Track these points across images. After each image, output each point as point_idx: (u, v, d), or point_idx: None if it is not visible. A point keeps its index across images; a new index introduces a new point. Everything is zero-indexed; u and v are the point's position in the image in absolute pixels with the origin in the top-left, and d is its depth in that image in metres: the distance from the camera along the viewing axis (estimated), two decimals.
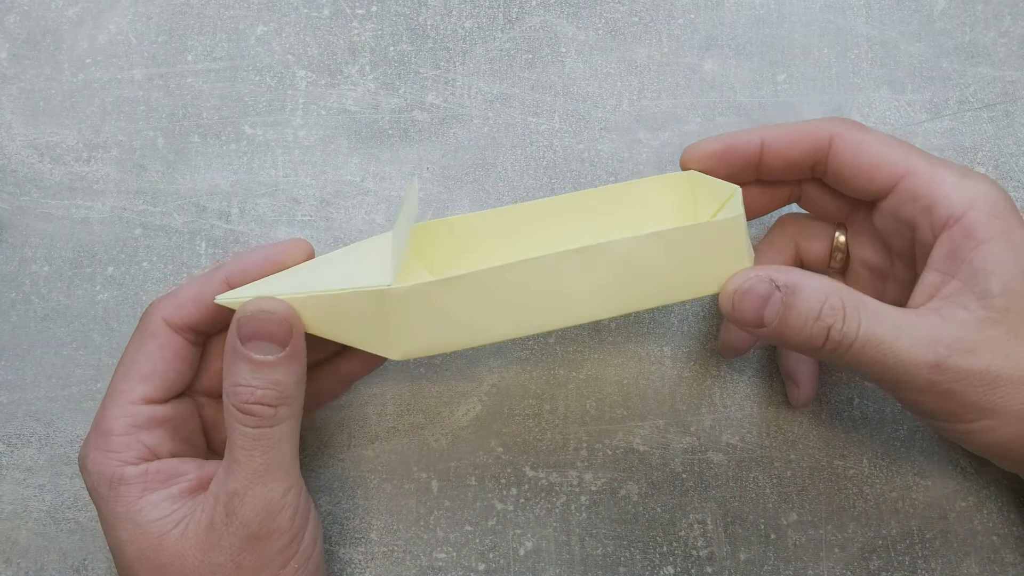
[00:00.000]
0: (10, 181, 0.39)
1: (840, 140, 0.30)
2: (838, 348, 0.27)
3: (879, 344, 0.26)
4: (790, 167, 0.32)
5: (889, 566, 0.35)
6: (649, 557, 0.35)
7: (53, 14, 0.40)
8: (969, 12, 0.39)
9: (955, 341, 0.27)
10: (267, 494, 0.28)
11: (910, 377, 0.27)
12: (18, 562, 0.36)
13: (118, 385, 0.29)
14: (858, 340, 0.27)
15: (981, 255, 0.27)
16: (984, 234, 0.28)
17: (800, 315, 0.27)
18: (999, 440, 0.27)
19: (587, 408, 0.36)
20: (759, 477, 0.36)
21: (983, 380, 0.27)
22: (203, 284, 0.30)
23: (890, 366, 0.27)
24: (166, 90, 0.39)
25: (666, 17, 0.40)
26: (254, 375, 0.28)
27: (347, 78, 0.39)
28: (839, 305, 0.27)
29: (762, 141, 0.31)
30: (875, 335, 0.27)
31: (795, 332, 0.27)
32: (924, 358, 0.26)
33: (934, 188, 0.29)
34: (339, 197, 0.38)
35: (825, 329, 0.27)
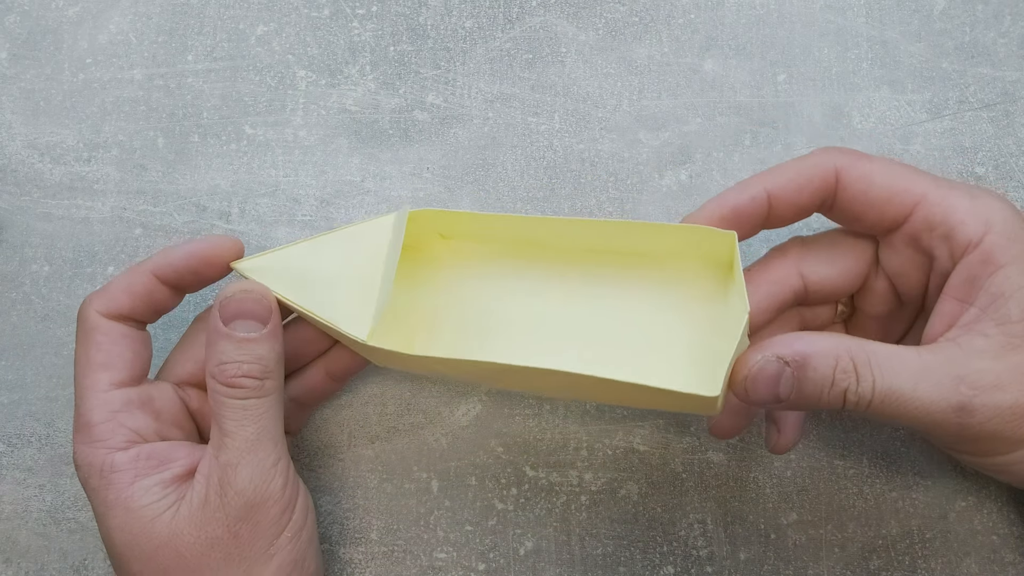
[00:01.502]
0: (10, 181, 0.39)
1: (847, 175, 0.29)
2: (858, 407, 0.26)
3: (899, 397, 0.26)
4: (800, 212, 0.30)
5: (889, 566, 0.35)
6: (649, 557, 0.35)
7: (53, 14, 0.40)
8: (969, 12, 0.39)
9: (978, 377, 0.26)
10: (259, 462, 0.29)
11: (936, 423, 0.26)
12: (18, 562, 0.36)
13: (82, 381, 0.30)
14: (876, 397, 0.26)
15: (999, 280, 0.27)
16: (1002, 258, 0.27)
17: (814, 385, 0.26)
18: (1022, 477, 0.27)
19: (587, 408, 0.36)
20: (759, 477, 0.36)
21: (1014, 414, 0.26)
22: (130, 276, 0.31)
23: (914, 416, 0.26)
24: (166, 90, 0.39)
25: (666, 17, 0.40)
26: (239, 351, 0.29)
27: (347, 78, 0.39)
28: (850, 367, 0.26)
29: (768, 194, 0.30)
30: (892, 388, 0.26)
31: (813, 400, 0.27)
32: (948, 403, 0.26)
33: (949, 215, 0.28)
34: (339, 197, 0.38)
35: (841, 393, 0.26)
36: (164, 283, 0.31)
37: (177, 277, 0.31)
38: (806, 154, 0.30)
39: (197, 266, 0.31)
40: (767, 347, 0.27)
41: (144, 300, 0.31)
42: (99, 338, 0.30)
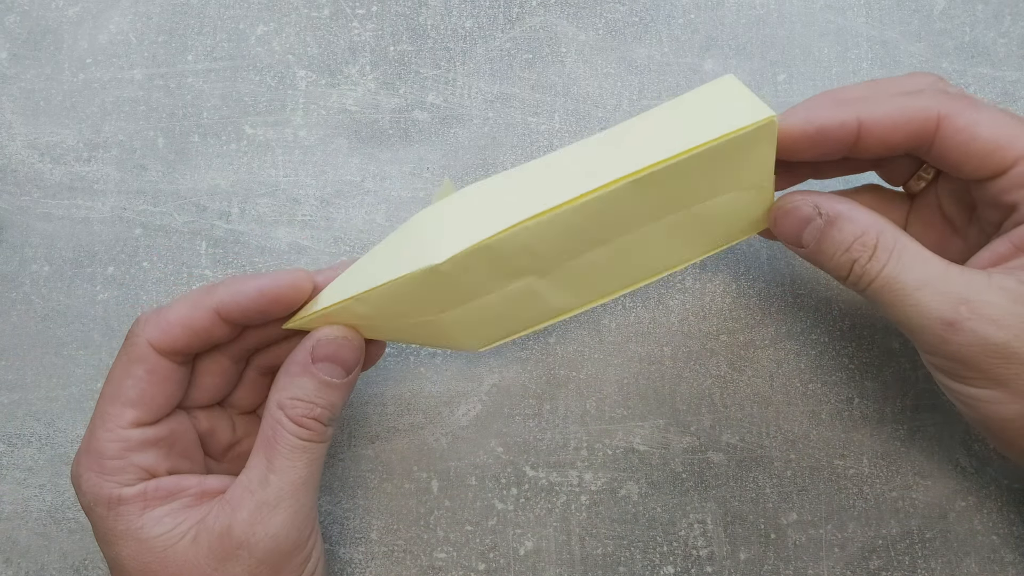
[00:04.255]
0: (10, 181, 0.39)
1: (949, 123, 0.28)
2: (859, 282, 0.27)
3: (898, 289, 0.27)
4: (889, 149, 0.29)
5: (889, 566, 0.35)
6: (649, 557, 0.35)
7: (53, 14, 0.40)
8: (969, 12, 0.39)
9: (983, 307, 0.26)
10: (298, 508, 0.28)
11: (922, 327, 0.26)
12: (18, 562, 0.36)
13: (107, 408, 0.28)
14: (877, 280, 0.27)
15: None
16: None
17: (832, 244, 0.28)
18: (1002, 416, 0.27)
19: (587, 408, 0.36)
20: (759, 477, 0.36)
21: (998, 352, 0.26)
22: (192, 309, 0.29)
23: (905, 313, 0.27)
24: (166, 90, 0.39)
25: (666, 17, 0.40)
26: (318, 393, 0.28)
27: (347, 78, 0.39)
28: (871, 244, 0.27)
29: (859, 122, 0.28)
30: (896, 279, 0.27)
31: (826, 258, 0.28)
32: (940, 314, 0.26)
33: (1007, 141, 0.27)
34: (339, 197, 0.38)
35: (850, 263, 0.27)
36: (226, 320, 0.29)
37: (242, 316, 0.29)
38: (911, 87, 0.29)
39: (267, 306, 0.29)
40: (812, 194, 0.29)
41: (201, 337, 0.29)
42: (140, 372, 0.28)
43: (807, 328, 0.37)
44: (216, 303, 0.28)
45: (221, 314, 0.28)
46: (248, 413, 0.33)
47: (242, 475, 0.29)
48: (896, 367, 0.36)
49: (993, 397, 0.27)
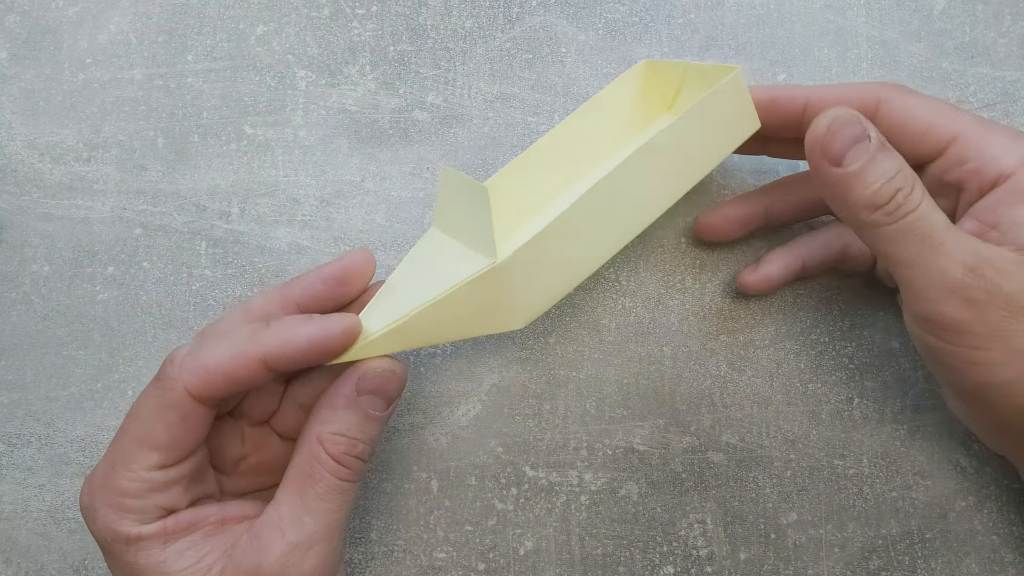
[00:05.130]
0: (10, 181, 0.39)
1: (887, 105, 0.30)
2: (897, 211, 0.27)
3: (930, 227, 0.27)
4: None
5: (889, 566, 0.35)
6: (649, 557, 0.35)
7: (53, 14, 0.40)
8: (969, 12, 0.39)
9: (995, 259, 0.26)
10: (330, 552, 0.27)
11: (944, 268, 0.26)
12: (18, 562, 0.36)
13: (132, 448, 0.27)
14: (916, 211, 0.27)
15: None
16: None
17: (880, 168, 0.27)
18: (997, 380, 0.27)
19: (587, 408, 0.36)
20: (759, 477, 0.36)
21: (1008, 304, 0.26)
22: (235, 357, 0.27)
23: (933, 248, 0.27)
24: (166, 90, 0.39)
25: (666, 17, 0.40)
26: (361, 428, 0.28)
27: (347, 78, 0.39)
28: (911, 177, 0.27)
29: (807, 99, 0.31)
30: (930, 216, 0.27)
31: (867, 183, 0.27)
32: (963, 256, 0.26)
33: (983, 150, 0.28)
34: (339, 197, 0.38)
35: (895, 190, 0.27)
36: (271, 369, 0.27)
37: (289, 365, 0.27)
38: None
39: (317, 357, 0.27)
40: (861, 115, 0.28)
41: (243, 385, 0.27)
42: (173, 419, 0.27)
43: (807, 328, 0.37)
44: (263, 353, 0.27)
45: (267, 363, 0.27)
46: (260, 424, 0.32)
47: (271, 510, 0.28)
48: (896, 367, 0.36)
49: (990, 359, 0.27)
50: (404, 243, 0.38)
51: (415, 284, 0.29)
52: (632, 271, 0.37)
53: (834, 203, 0.28)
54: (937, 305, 0.27)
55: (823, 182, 0.28)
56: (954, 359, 0.28)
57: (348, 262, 0.30)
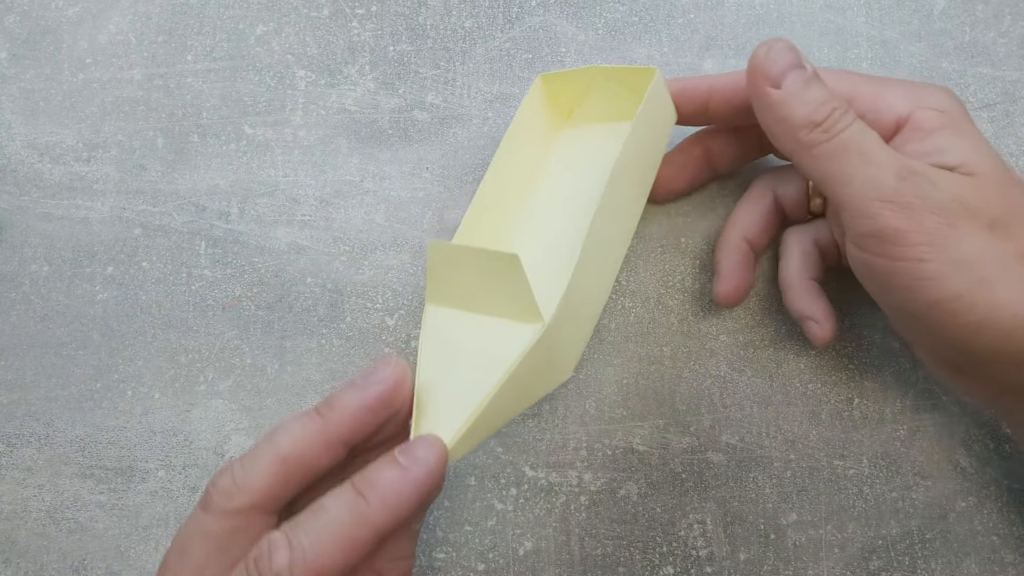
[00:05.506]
0: (10, 181, 0.39)
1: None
2: (833, 127, 0.28)
3: (863, 140, 0.28)
4: (737, 112, 0.33)
5: (889, 566, 0.35)
6: (649, 557, 0.35)
7: (53, 14, 0.40)
8: (969, 12, 0.39)
9: (924, 170, 0.28)
10: None
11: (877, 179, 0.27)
12: (17, 562, 0.36)
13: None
14: (849, 129, 0.28)
15: (933, 140, 0.29)
16: (931, 125, 0.29)
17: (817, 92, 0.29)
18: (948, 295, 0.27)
19: (587, 408, 0.36)
20: (759, 477, 0.36)
21: (940, 209, 0.27)
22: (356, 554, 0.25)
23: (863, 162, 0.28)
24: (166, 90, 0.39)
25: (666, 17, 0.40)
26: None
27: (347, 78, 0.39)
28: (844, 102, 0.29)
29: (709, 87, 0.33)
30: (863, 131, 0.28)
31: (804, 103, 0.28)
32: (895, 165, 0.27)
33: (878, 102, 0.30)
34: (339, 197, 0.38)
35: (831, 108, 0.28)
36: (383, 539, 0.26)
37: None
38: None
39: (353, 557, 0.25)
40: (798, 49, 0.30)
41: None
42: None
43: None
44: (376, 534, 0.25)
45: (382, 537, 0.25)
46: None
47: None
48: (896, 367, 0.36)
49: (934, 271, 0.27)
50: (404, 243, 0.38)
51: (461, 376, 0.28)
52: (632, 271, 0.37)
53: (773, 127, 0.30)
54: (876, 219, 0.28)
55: (764, 104, 0.29)
56: (899, 276, 0.28)
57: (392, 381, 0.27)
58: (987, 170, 0.28)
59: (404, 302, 0.37)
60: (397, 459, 0.25)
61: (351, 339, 0.37)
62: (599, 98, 0.36)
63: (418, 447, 0.26)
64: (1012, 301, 0.26)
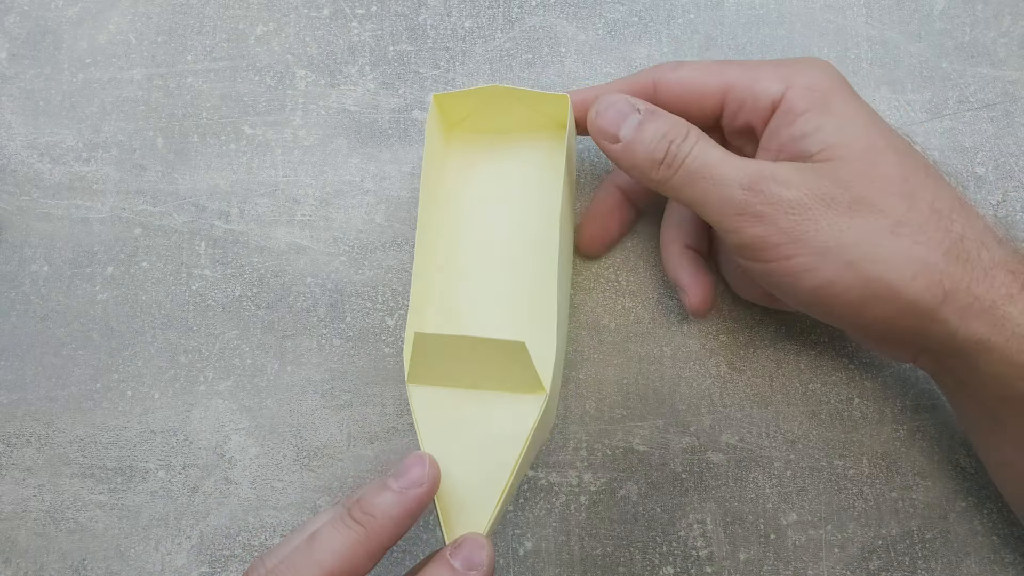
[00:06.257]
0: (10, 181, 0.39)
1: (662, 83, 0.32)
2: (674, 161, 0.29)
3: (705, 163, 0.29)
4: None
5: (889, 566, 0.35)
6: (649, 557, 0.35)
7: (53, 14, 0.40)
8: (969, 12, 0.39)
9: (772, 174, 0.28)
10: None
11: (727, 196, 0.28)
12: (17, 562, 0.36)
13: None
14: (690, 155, 0.29)
15: (799, 125, 0.29)
16: (800, 107, 0.29)
17: (651, 131, 0.30)
18: (820, 281, 0.28)
19: (587, 408, 0.36)
20: (759, 477, 0.36)
21: (792, 208, 0.28)
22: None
23: (712, 183, 0.29)
24: (166, 90, 0.39)
25: (666, 17, 0.40)
26: None
27: (347, 78, 0.39)
28: (684, 129, 0.30)
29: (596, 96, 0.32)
30: (704, 155, 0.29)
31: (642, 145, 0.30)
32: (739, 179, 0.28)
33: (752, 87, 0.30)
34: (339, 197, 0.38)
35: (667, 143, 0.29)
36: None
37: None
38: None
39: None
40: (629, 96, 0.31)
41: None
42: None
43: (807, 328, 0.37)
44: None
45: None
46: None
47: None
48: (896, 367, 0.36)
49: (803, 264, 0.28)
50: (404, 243, 0.38)
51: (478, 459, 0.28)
52: (632, 271, 0.37)
53: (628, 174, 0.31)
54: (737, 232, 0.29)
55: (613, 159, 0.31)
56: (775, 275, 0.29)
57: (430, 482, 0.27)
58: (849, 151, 0.28)
59: (404, 302, 0.37)
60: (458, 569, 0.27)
61: (351, 339, 0.37)
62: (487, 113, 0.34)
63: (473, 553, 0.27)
64: (885, 275, 0.27)
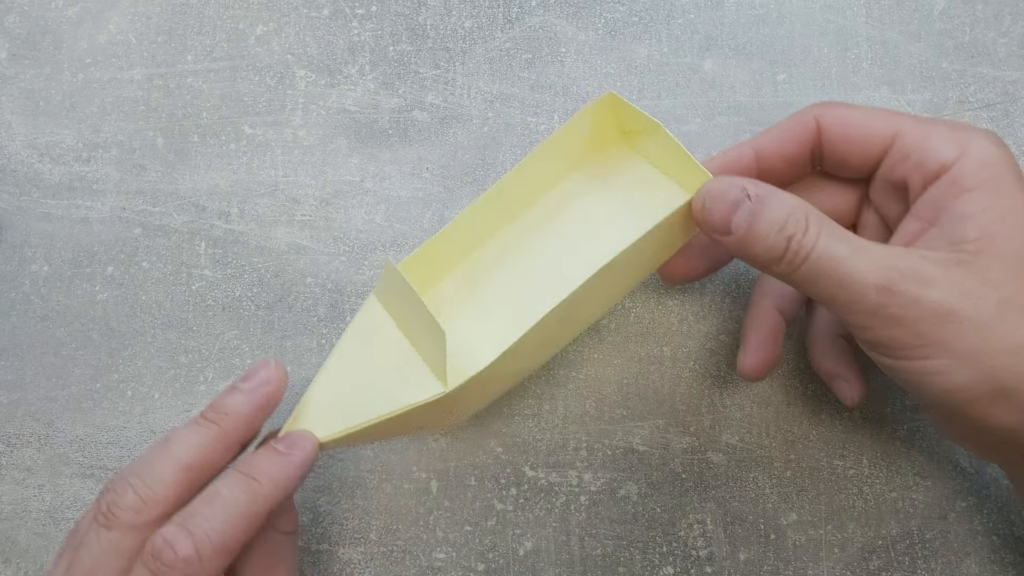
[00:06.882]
0: (10, 181, 0.39)
1: (826, 120, 0.30)
2: (795, 259, 0.27)
3: (832, 259, 0.26)
4: (792, 165, 0.31)
5: (889, 566, 0.35)
6: (649, 557, 0.35)
7: (53, 14, 0.40)
8: (969, 12, 0.39)
9: (910, 270, 0.26)
10: None
11: (858, 297, 0.26)
12: (17, 562, 0.36)
13: None
14: (814, 252, 0.27)
15: (963, 203, 0.27)
16: (969, 182, 0.27)
17: (766, 223, 0.27)
18: (953, 385, 0.26)
19: (587, 408, 0.36)
20: (759, 477, 0.36)
21: (934, 312, 0.26)
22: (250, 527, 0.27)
23: (840, 283, 0.26)
24: (166, 90, 0.39)
25: (666, 17, 0.40)
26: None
27: (347, 78, 0.39)
28: (803, 218, 0.27)
29: (754, 151, 0.31)
30: (830, 249, 0.27)
31: (759, 240, 0.27)
32: (873, 279, 0.26)
33: (923, 143, 0.28)
34: (339, 197, 0.38)
35: (786, 239, 0.27)
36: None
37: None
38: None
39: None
40: (738, 179, 0.28)
41: None
42: None
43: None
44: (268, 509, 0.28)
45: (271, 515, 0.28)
46: None
47: None
48: None
49: (939, 367, 0.26)
50: (404, 243, 0.38)
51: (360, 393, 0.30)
52: None
53: (745, 262, 0.29)
54: (867, 331, 0.27)
55: (727, 249, 0.29)
56: (907, 373, 0.27)
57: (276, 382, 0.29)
58: (1007, 245, 0.26)
59: None
60: (277, 448, 0.28)
61: None
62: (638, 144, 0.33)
63: (296, 439, 0.29)
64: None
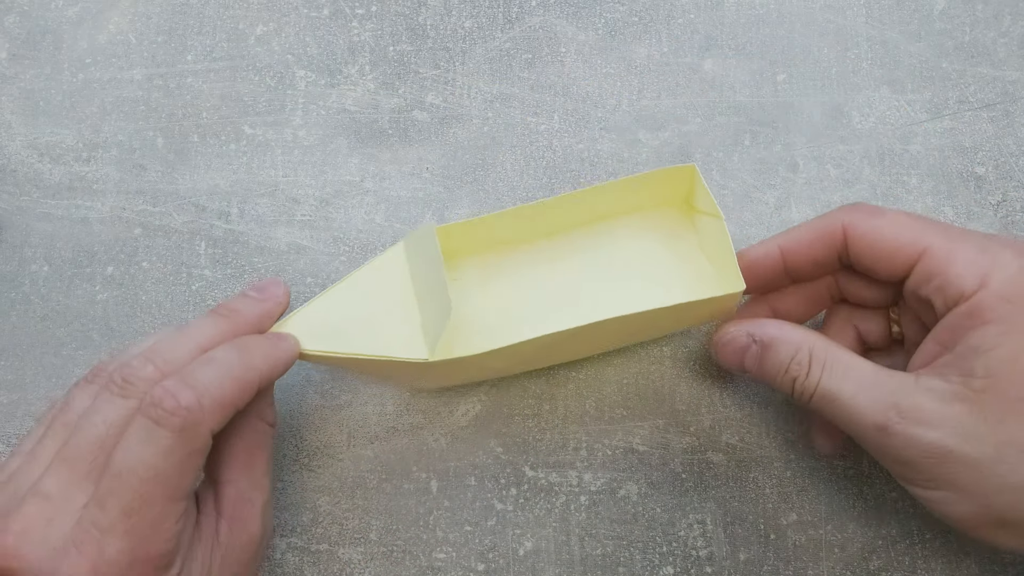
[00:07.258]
0: (10, 181, 0.39)
1: (853, 230, 0.30)
2: (801, 397, 0.29)
3: (834, 400, 0.28)
4: (817, 266, 0.32)
5: (889, 566, 0.35)
6: (649, 557, 0.35)
7: (53, 14, 0.40)
8: (969, 12, 0.39)
9: (910, 409, 0.27)
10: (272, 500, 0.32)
11: (860, 435, 0.28)
12: None
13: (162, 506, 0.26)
14: (816, 394, 0.29)
15: (978, 336, 0.27)
16: (989, 315, 0.27)
17: (772, 366, 0.30)
18: (958, 515, 0.27)
19: (587, 408, 0.36)
20: (759, 477, 0.36)
21: (930, 453, 0.27)
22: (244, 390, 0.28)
23: (844, 422, 0.28)
24: (166, 90, 0.39)
25: (666, 17, 0.40)
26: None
27: (347, 78, 0.39)
28: (805, 361, 0.29)
29: (780, 249, 0.32)
30: (831, 391, 0.28)
31: (769, 379, 0.30)
32: (873, 419, 0.27)
33: (947, 267, 0.28)
34: (339, 197, 0.38)
35: (791, 381, 0.29)
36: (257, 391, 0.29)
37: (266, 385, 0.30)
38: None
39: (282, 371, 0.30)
40: (745, 323, 0.31)
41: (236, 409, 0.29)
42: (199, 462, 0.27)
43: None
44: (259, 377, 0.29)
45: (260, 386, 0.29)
46: None
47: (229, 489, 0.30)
48: None
49: (943, 498, 0.27)
50: None
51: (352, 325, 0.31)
52: None
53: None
54: (876, 455, 0.29)
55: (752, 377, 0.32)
56: (916, 496, 0.28)
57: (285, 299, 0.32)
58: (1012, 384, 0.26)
59: None
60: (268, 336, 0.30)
61: None
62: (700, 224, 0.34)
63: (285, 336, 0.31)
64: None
